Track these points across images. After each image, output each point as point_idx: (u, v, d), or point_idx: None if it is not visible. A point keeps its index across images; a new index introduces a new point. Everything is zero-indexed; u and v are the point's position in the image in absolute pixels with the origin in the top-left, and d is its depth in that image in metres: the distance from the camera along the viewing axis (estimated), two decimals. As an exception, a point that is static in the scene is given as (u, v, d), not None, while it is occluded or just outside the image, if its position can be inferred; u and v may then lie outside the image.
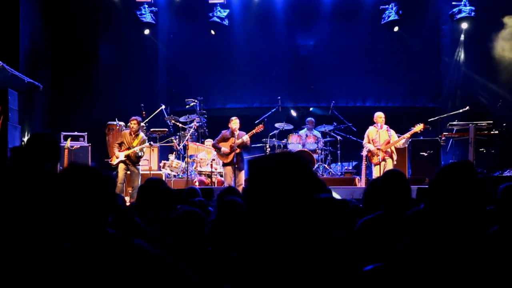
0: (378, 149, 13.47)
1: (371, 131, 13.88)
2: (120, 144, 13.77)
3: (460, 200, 2.84)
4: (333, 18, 18.75)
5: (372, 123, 13.99)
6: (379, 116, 13.86)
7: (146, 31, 18.40)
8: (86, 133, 15.45)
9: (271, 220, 2.31)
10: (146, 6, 17.96)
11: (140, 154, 13.90)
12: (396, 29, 18.12)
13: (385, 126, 13.76)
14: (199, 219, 4.35)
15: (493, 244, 2.85)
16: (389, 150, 13.61)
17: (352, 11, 18.65)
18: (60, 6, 17.04)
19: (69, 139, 14.30)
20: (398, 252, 3.02)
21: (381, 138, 13.62)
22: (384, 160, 13.52)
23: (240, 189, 12.06)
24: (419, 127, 13.64)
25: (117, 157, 13.60)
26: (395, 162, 13.67)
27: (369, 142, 13.81)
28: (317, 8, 18.80)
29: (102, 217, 2.82)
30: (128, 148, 13.67)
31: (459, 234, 2.79)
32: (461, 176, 2.94)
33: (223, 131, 13.96)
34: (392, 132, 13.76)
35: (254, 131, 13.69)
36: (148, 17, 18.02)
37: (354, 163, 16.68)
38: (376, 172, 13.55)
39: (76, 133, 15.19)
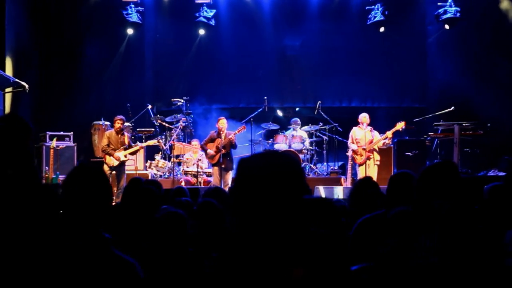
0: (364, 149, 13.50)
1: (355, 131, 13.94)
2: (108, 145, 13.66)
3: (444, 199, 2.86)
4: (320, 19, 18.79)
5: (357, 123, 14.04)
6: (364, 116, 13.93)
7: (132, 31, 18.36)
8: (72, 132, 15.40)
9: (259, 220, 2.29)
10: (133, 6, 17.92)
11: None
12: (382, 29, 18.19)
13: (368, 127, 13.80)
14: (182, 221, 4.36)
15: (480, 242, 2.86)
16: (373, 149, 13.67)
17: (339, 11, 18.70)
18: (46, 6, 16.98)
19: (54, 139, 14.22)
20: (385, 253, 3.03)
21: (364, 138, 13.66)
22: (368, 159, 13.55)
23: (226, 189, 12.08)
24: (400, 125, 13.68)
25: (117, 158, 13.43)
26: (378, 162, 13.71)
27: (352, 142, 13.86)
28: (303, 9, 18.85)
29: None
30: (125, 148, 13.58)
31: (444, 233, 2.81)
32: (444, 176, 2.96)
33: (211, 132, 13.98)
34: (376, 132, 13.81)
35: (236, 132, 13.70)
36: (134, 17, 17.99)
37: (340, 163, 16.71)
38: (361, 172, 13.60)
39: (62, 132, 15.13)
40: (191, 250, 4.35)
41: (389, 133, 13.63)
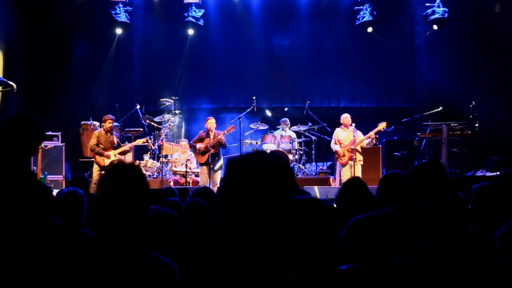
0: (352, 149, 13.55)
1: (337, 132, 14.05)
2: (97, 145, 13.57)
3: (429, 199, 2.87)
4: (309, 19, 18.83)
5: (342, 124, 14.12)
6: (345, 117, 14.07)
7: (121, 31, 18.30)
8: (60, 132, 15.34)
9: (249, 220, 2.28)
10: (121, 5, 17.86)
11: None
12: (370, 29, 18.23)
13: (351, 127, 13.85)
14: (173, 220, 4.36)
15: (469, 241, 2.88)
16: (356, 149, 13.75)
17: (327, 11, 18.73)
18: (34, 5, 16.89)
19: (43, 139, 14.13)
20: (370, 252, 3.04)
21: (347, 139, 13.73)
22: (351, 159, 13.61)
23: (215, 189, 12.09)
24: (382, 126, 13.76)
25: (107, 157, 13.38)
26: (361, 162, 13.77)
27: (335, 143, 13.93)
28: (292, 9, 18.87)
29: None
30: (114, 148, 13.54)
31: (430, 232, 2.82)
32: (430, 176, 2.98)
33: (200, 131, 14.00)
34: (359, 132, 13.87)
35: (225, 131, 13.72)
36: (122, 17, 17.93)
37: (328, 163, 16.74)
38: (344, 172, 13.69)
39: (50, 132, 15.06)
40: (185, 250, 4.35)
41: (371, 133, 13.72)
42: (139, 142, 14.43)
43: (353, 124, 13.89)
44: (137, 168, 2.85)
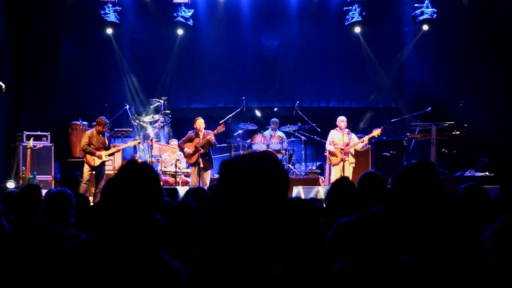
0: (342, 149, 13.59)
1: (332, 133, 14.06)
2: (89, 145, 13.52)
3: (421, 198, 2.87)
4: (298, 19, 18.82)
5: (335, 124, 14.13)
6: (341, 120, 14.05)
7: (110, 31, 18.23)
8: (49, 132, 15.28)
9: (243, 222, 2.27)
10: (110, 5, 17.77)
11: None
12: (357, 30, 18.23)
13: (346, 130, 13.90)
14: (158, 223, 4.36)
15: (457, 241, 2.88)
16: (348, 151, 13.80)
17: (317, 12, 18.72)
18: (23, 5, 16.82)
19: (31, 139, 14.11)
20: (359, 253, 3.04)
21: (342, 140, 13.77)
22: (343, 160, 13.65)
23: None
24: (376, 132, 13.80)
25: (99, 157, 13.35)
26: (353, 165, 13.84)
27: (330, 144, 13.97)
28: (282, 9, 18.85)
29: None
30: (106, 148, 13.52)
31: (424, 234, 2.82)
32: (422, 175, 2.98)
33: (189, 132, 13.97)
34: (353, 135, 13.95)
35: (215, 131, 13.70)
36: (112, 17, 17.85)
37: (318, 163, 16.75)
38: (335, 173, 13.73)
39: (39, 132, 15.01)
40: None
41: (365, 139, 13.80)
42: (131, 144, 14.42)
43: (342, 127, 13.92)
44: (151, 168, 2.81)
